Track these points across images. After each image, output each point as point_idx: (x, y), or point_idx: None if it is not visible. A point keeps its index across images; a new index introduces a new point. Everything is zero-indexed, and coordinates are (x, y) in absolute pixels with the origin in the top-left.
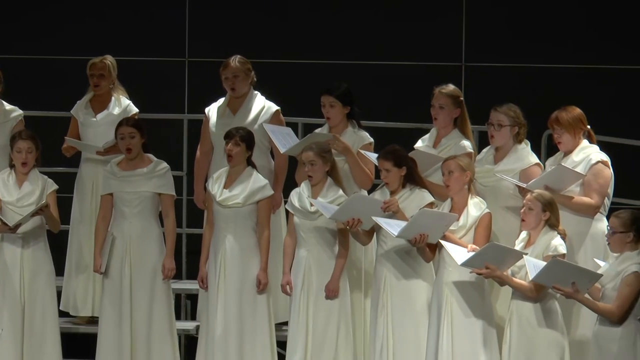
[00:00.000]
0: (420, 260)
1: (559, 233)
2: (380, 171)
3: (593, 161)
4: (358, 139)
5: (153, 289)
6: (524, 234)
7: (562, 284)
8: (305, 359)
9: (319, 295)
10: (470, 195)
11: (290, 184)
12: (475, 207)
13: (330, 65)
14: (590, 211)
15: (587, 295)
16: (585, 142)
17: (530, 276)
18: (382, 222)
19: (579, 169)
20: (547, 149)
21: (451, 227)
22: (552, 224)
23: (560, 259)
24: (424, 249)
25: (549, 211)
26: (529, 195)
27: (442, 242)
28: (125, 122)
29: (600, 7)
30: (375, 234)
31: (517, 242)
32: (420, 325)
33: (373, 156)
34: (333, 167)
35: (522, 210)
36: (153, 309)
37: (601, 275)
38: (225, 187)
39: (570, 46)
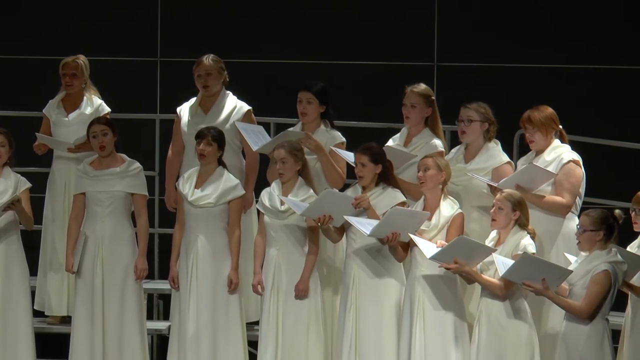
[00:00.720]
0: (391, 258)
1: (528, 232)
2: (356, 165)
3: (565, 160)
4: (330, 138)
5: (124, 289)
6: (493, 234)
7: (532, 281)
8: (276, 359)
9: (288, 295)
10: (443, 196)
11: (261, 184)
12: (447, 207)
13: (302, 65)
14: (561, 210)
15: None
16: (557, 142)
17: (500, 273)
18: (354, 220)
19: (550, 168)
20: (519, 148)
21: (423, 227)
22: (522, 223)
23: (530, 254)
24: (396, 248)
25: (518, 211)
26: (498, 195)
27: (412, 236)
28: (97, 120)
29: (568, 7)
30: (345, 231)
31: (487, 241)
32: (387, 325)
33: (346, 154)
34: (304, 167)
35: (492, 210)
36: (124, 309)
37: (571, 271)
38: (196, 186)
39: (541, 46)
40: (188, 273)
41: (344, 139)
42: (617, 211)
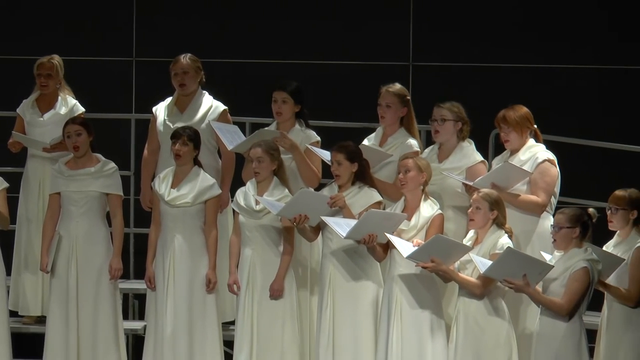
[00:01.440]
0: (368, 259)
1: (506, 232)
2: (332, 163)
3: (540, 160)
4: (305, 137)
5: (98, 288)
6: (471, 233)
7: (512, 277)
8: (251, 358)
9: (263, 295)
10: (423, 197)
11: (237, 184)
12: (427, 208)
13: (278, 65)
14: (537, 209)
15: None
16: (531, 141)
17: (481, 271)
18: (331, 221)
19: (525, 168)
20: (494, 148)
21: (403, 227)
22: (500, 223)
23: (514, 248)
24: (374, 249)
25: (496, 210)
26: (475, 195)
27: (388, 235)
28: (72, 120)
29: (542, 6)
30: (321, 231)
31: (464, 241)
32: (363, 325)
33: (322, 152)
34: (280, 167)
35: (469, 210)
36: (99, 308)
37: (552, 266)
38: (172, 186)
39: (515, 46)
40: (165, 273)
41: (318, 138)
42: (591, 209)
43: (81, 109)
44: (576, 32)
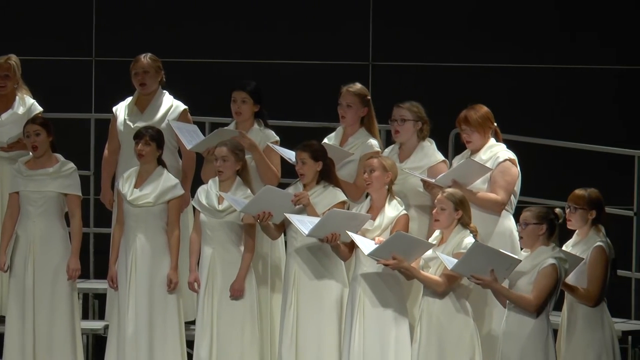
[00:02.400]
0: (333, 258)
1: (471, 231)
2: (297, 162)
3: (500, 159)
4: (264, 137)
5: (55, 288)
6: (437, 233)
7: (480, 273)
8: (210, 358)
9: (224, 294)
10: (389, 197)
11: (197, 183)
12: (392, 208)
13: (238, 64)
14: (495, 207)
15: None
16: (492, 141)
17: (449, 266)
18: (294, 219)
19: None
20: (454, 147)
21: (367, 227)
22: (465, 222)
23: (482, 243)
24: (338, 247)
25: (461, 210)
26: (440, 195)
27: (350, 233)
28: (32, 120)
29: (500, 6)
30: (285, 229)
31: (430, 240)
32: (327, 324)
33: (285, 151)
34: (244, 168)
35: (434, 211)
36: (55, 308)
37: (520, 260)
38: (135, 186)
39: (474, 46)
40: (127, 273)
41: (277, 138)
42: (557, 209)
43: (39, 109)
44: (533, 32)
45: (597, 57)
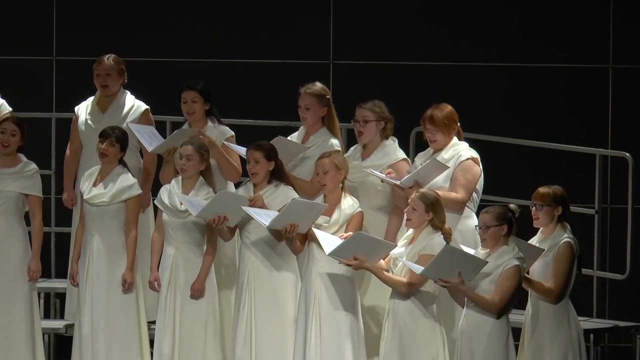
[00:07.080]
0: (286, 252)
1: (443, 233)
2: (248, 162)
3: (463, 158)
4: (220, 134)
5: (14, 288)
6: (409, 232)
7: (447, 276)
8: (172, 357)
9: (185, 294)
10: (343, 193)
11: (157, 184)
12: (348, 205)
13: (199, 63)
14: (455, 206)
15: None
16: (455, 140)
17: (417, 272)
18: (252, 212)
19: (449, 165)
20: (415, 145)
21: (323, 224)
22: (435, 225)
23: (452, 245)
24: (293, 240)
25: (432, 212)
26: (413, 195)
27: (315, 230)
28: (10, 118)
29: (461, 5)
30: (238, 228)
31: (401, 239)
32: (284, 319)
33: (237, 148)
34: (207, 169)
35: (406, 209)
36: (13, 309)
37: (487, 262)
38: (94, 185)
39: (435, 44)
40: (84, 271)
41: (232, 133)
42: (512, 205)
43: (8, 108)
44: (495, 32)
45: (549, 56)
